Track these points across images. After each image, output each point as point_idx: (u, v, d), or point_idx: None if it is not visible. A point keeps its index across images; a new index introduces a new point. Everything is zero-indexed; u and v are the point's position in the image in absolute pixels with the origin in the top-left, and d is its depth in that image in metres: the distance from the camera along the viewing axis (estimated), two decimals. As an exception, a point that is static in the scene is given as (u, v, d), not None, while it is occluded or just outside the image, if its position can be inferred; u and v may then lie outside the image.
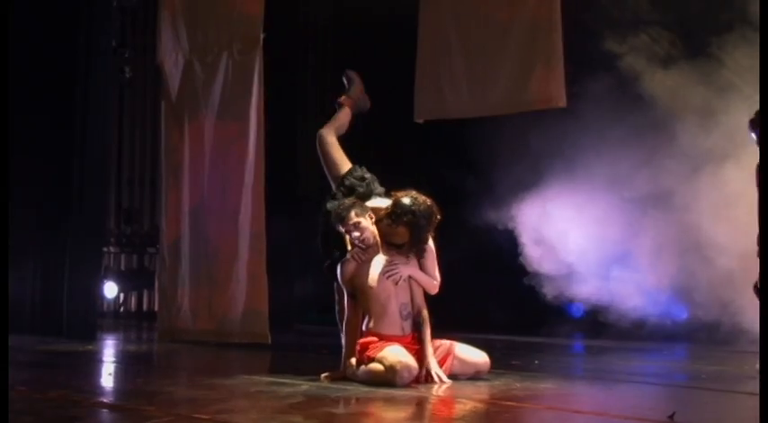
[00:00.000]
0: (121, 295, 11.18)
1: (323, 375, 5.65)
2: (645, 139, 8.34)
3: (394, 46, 8.85)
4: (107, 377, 6.35)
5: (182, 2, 8.60)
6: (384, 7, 9.15)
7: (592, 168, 8.48)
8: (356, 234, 5.65)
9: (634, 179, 8.41)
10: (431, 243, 5.80)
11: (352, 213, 5.67)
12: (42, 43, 8.84)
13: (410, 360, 5.46)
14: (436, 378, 5.53)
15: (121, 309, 11.23)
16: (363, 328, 5.73)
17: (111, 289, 10.74)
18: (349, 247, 5.79)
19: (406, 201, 5.65)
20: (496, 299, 9.38)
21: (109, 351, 7.92)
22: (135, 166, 11.63)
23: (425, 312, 5.74)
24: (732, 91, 7.99)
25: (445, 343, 5.78)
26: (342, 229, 5.72)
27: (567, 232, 8.71)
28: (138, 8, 10.87)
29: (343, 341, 5.75)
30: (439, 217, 5.71)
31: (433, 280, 5.80)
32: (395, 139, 9.32)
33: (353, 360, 5.61)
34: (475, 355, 5.82)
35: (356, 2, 9.68)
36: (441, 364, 5.68)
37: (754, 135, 6.14)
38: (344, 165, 6.19)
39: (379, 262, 5.69)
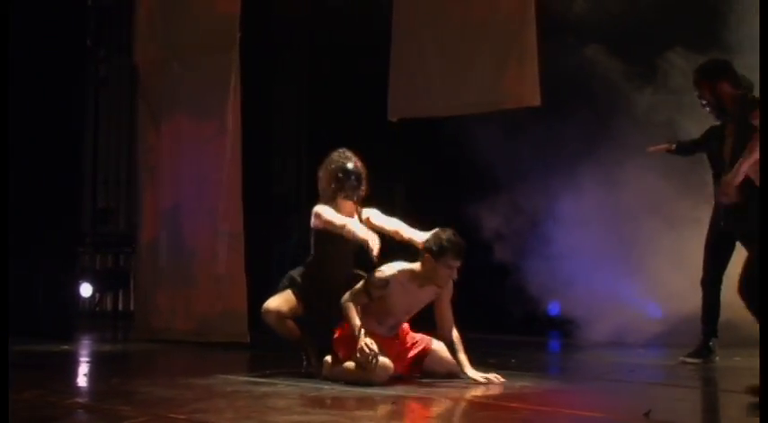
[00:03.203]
0: (97, 295, 11.12)
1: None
2: (636, 143, 8.25)
3: (370, 45, 8.84)
4: (83, 377, 6.34)
5: (158, 0, 8.59)
6: (360, 7, 9.15)
7: (573, 168, 8.45)
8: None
9: (622, 181, 8.37)
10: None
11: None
12: (13, 43, 8.75)
13: (386, 359, 5.47)
14: (483, 379, 5.54)
15: (97, 309, 11.18)
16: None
17: (86, 289, 10.68)
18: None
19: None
20: (472, 297, 9.37)
21: (84, 351, 7.89)
22: (110, 166, 11.57)
23: (456, 334, 5.74)
24: None
25: (424, 338, 5.79)
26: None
27: (545, 229, 8.70)
28: (113, 7, 10.81)
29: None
30: None
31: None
32: (370, 139, 9.29)
33: (329, 358, 5.63)
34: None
35: (332, 1, 9.68)
36: (418, 360, 5.73)
37: None
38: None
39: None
